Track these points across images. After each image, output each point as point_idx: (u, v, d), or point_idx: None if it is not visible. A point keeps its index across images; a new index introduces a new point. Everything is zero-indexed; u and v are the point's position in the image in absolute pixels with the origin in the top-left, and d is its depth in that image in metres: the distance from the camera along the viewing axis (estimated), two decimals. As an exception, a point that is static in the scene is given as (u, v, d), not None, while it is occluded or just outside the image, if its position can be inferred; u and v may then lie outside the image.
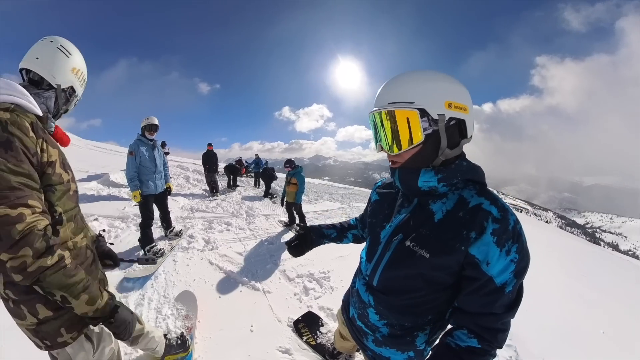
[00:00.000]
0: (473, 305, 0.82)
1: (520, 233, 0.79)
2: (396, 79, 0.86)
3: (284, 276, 3.35)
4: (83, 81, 1.22)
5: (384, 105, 0.84)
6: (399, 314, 0.96)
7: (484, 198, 0.82)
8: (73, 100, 1.21)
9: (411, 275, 0.89)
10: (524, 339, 2.72)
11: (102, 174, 7.74)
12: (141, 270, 3.07)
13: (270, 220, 5.91)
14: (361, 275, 1.11)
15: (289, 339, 2.26)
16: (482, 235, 0.77)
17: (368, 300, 1.03)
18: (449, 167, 0.85)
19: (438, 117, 0.79)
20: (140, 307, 2.44)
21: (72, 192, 1.10)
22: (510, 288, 0.78)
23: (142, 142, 3.61)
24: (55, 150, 1.02)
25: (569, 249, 8.46)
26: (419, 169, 0.86)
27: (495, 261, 0.77)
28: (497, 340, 0.81)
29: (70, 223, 1.08)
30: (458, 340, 0.83)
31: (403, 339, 0.98)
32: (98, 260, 1.27)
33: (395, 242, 0.93)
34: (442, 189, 0.86)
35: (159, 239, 4.06)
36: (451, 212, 0.84)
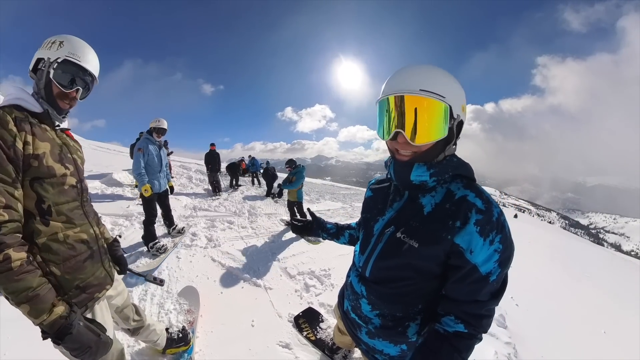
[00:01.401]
0: (459, 293, 0.86)
1: (503, 224, 0.82)
2: (420, 68, 0.84)
3: (285, 273, 3.38)
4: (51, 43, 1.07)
5: (414, 90, 0.80)
6: (390, 303, 1.00)
7: (469, 191, 0.86)
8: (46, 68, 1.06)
9: (401, 264, 0.93)
10: (523, 338, 2.73)
11: (106, 174, 7.82)
12: (145, 266, 3.12)
13: (272, 219, 5.95)
14: (354, 268, 1.15)
15: (289, 334, 2.29)
16: (466, 225, 0.81)
17: (360, 291, 1.07)
18: (440, 162, 0.89)
19: (456, 117, 0.84)
20: (144, 302, 2.48)
21: (67, 186, 1.09)
22: (495, 277, 0.82)
23: (151, 141, 3.69)
24: (45, 144, 1.02)
25: (571, 250, 8.43)
26: (413, 163, 0.88)
27: (478, 250, 0.80)
28: (482, 326, 0.85)
29: (61, 216, 1.07)
30: (446, 326, 0.86)
31: (395, 330, 1.00)
32: (100, 260, 1.25)
33: (387, 234, 0.97)
34: (432, 183, 0.90)
35: (162, 236, 4.12)
36: (439, 204, 0.88)
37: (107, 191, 6.44)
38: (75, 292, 1.10)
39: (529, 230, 11.90)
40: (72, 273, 1.09)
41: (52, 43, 1.07)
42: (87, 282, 1.15)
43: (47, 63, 1.06)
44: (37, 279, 0.93)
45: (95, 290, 1.19)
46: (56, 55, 1.06)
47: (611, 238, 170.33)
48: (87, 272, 1.15)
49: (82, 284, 1.13)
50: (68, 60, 1.07)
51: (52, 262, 1.03)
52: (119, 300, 1.45)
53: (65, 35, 1.11)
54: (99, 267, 1.24)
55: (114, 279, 1.35)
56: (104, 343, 1.05)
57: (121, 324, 1.54)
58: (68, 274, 1.08)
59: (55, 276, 1.04)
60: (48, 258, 1.02)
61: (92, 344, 1.01)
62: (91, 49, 1.16)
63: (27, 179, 0.97)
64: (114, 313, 1.45)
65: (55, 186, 1.04)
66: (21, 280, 0.89)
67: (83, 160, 1.31)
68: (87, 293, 1.14)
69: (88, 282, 1.16)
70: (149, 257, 3.40)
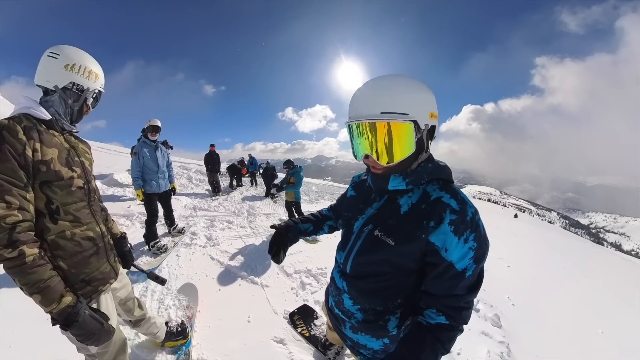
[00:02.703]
0: (438, 288, 0.90)
1: (478, 223, 0.87)
2: (380, 86, 0.86)
3: (282, 271, 3.46)
4: (88, 73, 1.21)
5: (375, 114, 0.83)
6: (370, 297, 1.04)
7: (444, 192, 0.91)
8: (86, 95, 1.24)
9: (378, 260, 0.99)
10: (517, 337, 2.78)
11: (107, 174, 7.88)
12: (146, 264, 3.21)
13: (271, 219, 6.02)
14: (336, 264, 1.20)
15: (284, 330, 2.36)
16: (440, 225, 0.85)
17: (342, 286, 1.12)
18: (415, 170, 0.93)
19: (424, 127, 0.86)
20: (144, 298, 2.57)
21: (75, 188, 1.19)
22: (471, 272, 0.86)
23: (145, 144, 3.79)
24: (52, 150, 1.11)
25: (571, 250, 8.45)
26: (389, 176, 0.94)
27: (453, 248, 0.85)
28: (462, 317, 0.89)
29: (68, 215, 1.16)
30: (428, 318, 0.91)
31: (376, 324, 1.05)
32: (106, 255, 1.34)
33: (365, 232, 1.02)
34: (409, 187, 0.95)
35: (163, 235, 4.20)
36: (415, 205, 0.93)
37: (108, 191, 6.51)
38: (81, 285, 1.20)
39: (529, 230, 11.92)
40: (78, 267, 1.19)
41: (89, 73, 1.22)
42: (92, 276, 1.24)
43: (87, 92, 1.23)
44: (48, 272, 1.03)
45: (99, 283, 1.28)
46: (94, 87, 1.26)
47: (611, 237, 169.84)
48: (92, 267, 1.25)
49: (87, 277, 1.22)
50: (101, 91, 1.30)
51: (60, 257, 1.14)
52: (123, 292, 1.55)
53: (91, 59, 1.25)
54: (104, 262, 1.33)
55: (118, 273, 1.44)
56: (107, 331, 1.14)
57: (124, 316, 1.64)
58: (74, 268, 1.18)
59: (62, 270, 1.14)
60: (56, 254, 1.13)
61: (95, 331, 1.10)
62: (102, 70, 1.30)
63: (37, 182, 1.07)
64: (118, 305, 1.54)
65: (63, 188, 1.14)
66: (34, 273, 1.00)
67: (91, 162, 1.39)
68: (92, 286, 1.24)
69: (93, 276, 1.25)
70: (150, 255, 3.49)
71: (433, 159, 0.98)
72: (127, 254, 1.57)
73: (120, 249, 1.54)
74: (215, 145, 9.14)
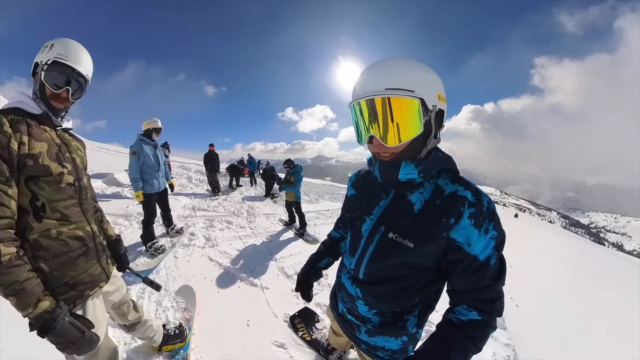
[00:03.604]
0: (465, 283, 0.86)
1: (494, 212, 0.84)
2: (385, 64, 0.81)
3: (282, 273, 3.40)
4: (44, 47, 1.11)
5: (379, 91, 0.77)
6: (388, 301, 0.99)
7: (458, 184, 0.86)
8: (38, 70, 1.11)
9: (395, 264, 0.93)
10: (522, 339, 2.74)
11: (106, 174, 7.84)
12: (143, 265, 3.15)
13: (271, 220, 5.97)
14: (345, 270, 1.12)
15: (284, 334, 2.31)
16: (460, 220, 0.82)
17: (355, 292, 1.05)
18: (427, 158, 0.87)
19: (432, 108, 0.80)
20: (141, 300, 2.51)
21: (65, 184, 1.13)
22: (494, 260, 0.83)
23: (145, 142, 3.66)
24: (41, 144, 1.06)
25: (572, 250, 8.40)
26: (400, 162, 0.86)
27: (475, 241, 0.81)
28: (495, 309, 0.85)
29: (55, 213, 1.09)
30: (459, 315, 0.87)
31: (395, 325, 1.00)
32: (97, 257, 1.27)
33: (378, 235, 0.95)
34: (419, 179, 0.88)
35: (161, 236, 4.14)
36: (429, 201, 0.88)
37: (107, 191, 6.46)
38: (63, 289, 1.12)
39: (529, 230, 11.87)
40: (62, 270, 1.11)
41: (45, 47, 1.12)
42: (78, 279, 1.16)
43: (40, 66, 1.10)
44: (25, 274, 0.96)
45: (86, 287, 1.20)
46: (46, 57, 1.09)
47: (612, 237, 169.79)
48: (78, 269, 1.17)
49: (71, 281, 1.14)
50: (57, 62, 1.10)
51: (42, 259, 1.06)
52: (117, 296, 1.47)
53: (60, 38, 1.14)
54: (94, 264, 1.25)
55: (110, 275, 1.36)
56: (88, 340, 1.06)
57: (118, 320, 1.56)
58: (57, 270, 1.10)
59: (43, 272, 1.06)
60: (38, 254, 1.06)
61: (75, 340, 1.02)
62: (83, 49, 1.17)
63: (23, 177, 1.01)
64: (110, 309, 1.47)
65: (51, 184, 1.08)
66: (9, 274, 0.93)
67: (83, 159, 1.33)
68: (76, 290, 1.16)
69: (79, 279, 1.17)
70: (147, 256, 3.42)
71: (441, 149, 0.93)
72: (123, 257, 1.51)
73: (116, 251, 1.48)
74: (214, 145, 9.09)
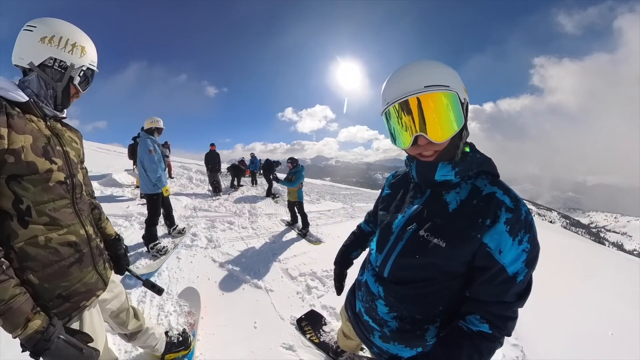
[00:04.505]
0: (486, 294, 0.83)
1: (531, 223, 0.80)
2: (416, 66, 0.82)
3: (287, 274, 3.34)
4: (71, 46, 1.03)
5: (419, 89, 0.77)
6: (410, 304, 0.95)
7: (497, 187, 0.84)
8: (71, 73, 1.05)
9: (424, 264, 0.89)
10: (530, 339, 2.69)
11: (106, 174, 7.79)
12: (145, 267, 3.08)
13: (273, 220, 5.91)
14: (370, 267, 1.09)
15: (293, 336, 2.25)
16: (496, 224, 0.78)
17: (377, 291, 1.02)
18: (464, 159, 0.87)
19: (464, 101, 0.81)
20: (142, 304, 2.44)
21: (53, 183, 0.99)
22: (522, 277, 0.79)
23: (153, 141, 3.63)
24: (25, 137, 0.92)
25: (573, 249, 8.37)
26: (437, 163, 0.86)
27: (507, 250, 0.78)
28: (507, 328, 0.82)
29: (43, 217, 0.96)
30: (470, 324, 0.84)
31: (413, 334, 0.96)
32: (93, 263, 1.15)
33: (409, 232, 0.93)
34: (456, 179, 0.87)
35: (162, 236, 4.08)
36: (465, 201, 0.85)
37: (107, 192, 6.41)
38: (56, 302, 1.00)
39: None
40: (53, 281, 0.99)
41: (72, 46, 1.04)
42: (71, 289, 1.05)
43: (72, 69, 1.05)
44: (11, 290, 0.85)
45: (81, 298, 1.09)
46: (80, 63, 1.06)
47: (613, 237, 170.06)
48: (72, 278, 1.05)
49: (65, 292, 1.03)
50: (90, 69, 1.11)
51: (30, 270, 0.94)
52: (115, 304, 1.37)
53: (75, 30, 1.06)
54: (90, 271, 1.13)
55: (107, 282, 1.25)
56: (88, 357, 0.97)
57: (117, 329, 1.47)
58: (48, 282, 0.98)
59: (32, 285, 0.94)
60: (25, 265, 0.93)
61: (73, 359, 0.93)
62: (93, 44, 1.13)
63: (3, 176, 0.88)
64: (109, 318, 1.37)
65: (37, 183, 0.95)
66: None
67: (79, 152, 1.20)
68: (71, 302, 1.04)
69: (74, 290, 1.05)
70: (149, 258, 3.36)
71: (479, 151, 0.90)
72: (122, 258, 1.41)
73: (114, 251, 1.38)
74: (215, 144, 9.04)
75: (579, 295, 4.37)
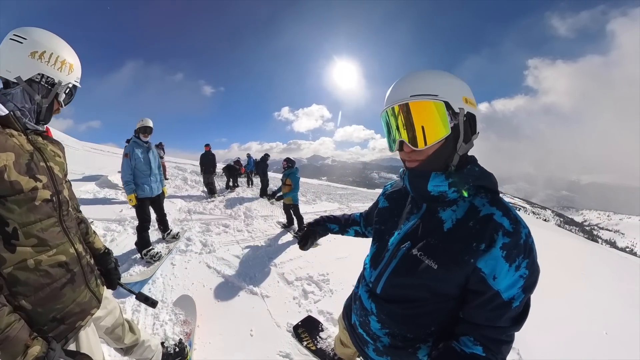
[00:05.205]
0: (479, 318, 0.81)
1: (531, 247, 0.77)
2: (411, 75, 0.85)
3: (283, 279, 3.32)
4: (61, 63, 1.01)
5: (405, 97, 0.81)
6: (401, 323, 0.93)
7: (495, 208, 0.80)
8: (57, 90, 1.03)
9: (416, 284, 0.87)
10: (524, 340, 2.69)
11: (99, 176, 7.69)
12: (138, 274, 3.03)
13: (269, 222, 5.88)
14: (364, 282, 1.08)
15: (289, 344, 2.23)
16: (491, 249, 0.75)
17: (370, 307, 1.01)
18: (461, 171, 0.83)
19: (459, 110, 0.80)
20: (137, 314, 2.39)
21: (39, 202, 0.94)
22: (518, 303, 0.77)
23: (137, 145, 3.56)
24: (7, 155, 0.87)
25: (567, 247, 8.43)
26: (429, 173, 0.84)
27: (503, 276, 0.75)
28: (501, 352, 0.80)
29: (31, 238, 0.91)
30: (463, 345, 0.82)
31: (405, 350, 0.95)
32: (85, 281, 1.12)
33: (402, 250, 0.91)
34: (452, 195, 0.84)
35: (156, 241, 4.02)
36: (461, 220, 0.82)
37: (100, 194, 6.32)
38: (52, 325, 0.97)
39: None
40: (47, 304, 0.96)
41: (62, 63, 1.02)
42: (66, 311, 1.02)
43: (59, 86, 1.03)
44: (5, 319, 0.82)
45: (76, 318, 1.06)
46: (67, 80, 1.05)
47: (605, 235, 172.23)
48: (65, 299, 1.02)
49: (59, 314, 1.00)
50: (75, 85, 1.11)
51: (22, 295, 0.90)
52: (109, 320, 1.34)
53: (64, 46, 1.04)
54: (82, 290, 1.10)
55: (101, 299, 1.22)
56: None
57: (113, 345, 1.45)
58: (41, 306, 0.94)
59: (26, 311, 0.91)
60: (16, 290, 0.89)
61: None
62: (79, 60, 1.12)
63: None
64: (104, 334, 1.36)
65: (22, 204, 0.90)
66: None
67: (63, 165, 1.16)
68: (66, 324, 1.02)
69: (68, 311, 1.02)
70: (142, 264, 3.30)
71: (479, 165, 0.87)
72: (113, 272, 1.37)
73: (104, 266, 1.34)
74: (210, 145, 8.95)
75: (572, 293, 4.39)
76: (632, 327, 3.59)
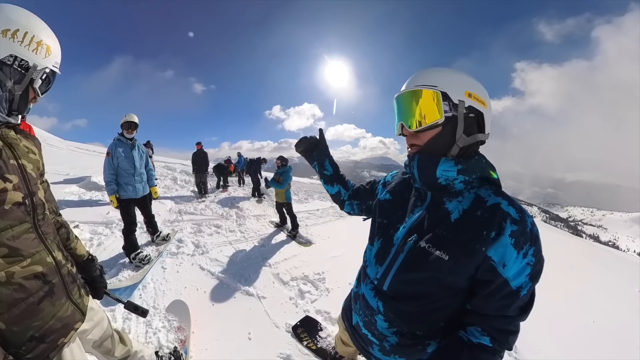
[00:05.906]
0: (488, 308, 0.82)
1: (537, 236, 0.79)
2: (422, 70, 0.91)
3: (278, 280, 3.26)
4: (37, 44, 0.88)
5: (410, 87, 0.88)
6: (411, 321, 0.92)
7: (501, 198, 0.82)
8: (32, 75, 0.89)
9: (426, 278, 0.86)
10: (522, 337, 2.71)
11: (84, 177, 7.45)
12: (127, 279, 2.90)
13: (261, 222, 5.80)
14: (368, 280, 1.04)
15: (289, 345, 2.19)
16: (501, 237, 0.76)
17: (377, 306, 0.97)
18: (470, 159, 0.84)
19: (458, 102, 0.82)
20: (128, 322, 2.26)
21: (9, 206, 0.83)
22: (525, 291, 0.79)
23: (120, 142, 3.36)
24: None
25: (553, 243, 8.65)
26: (439, 157, 0.84)
27: (511, 263, 0.76)
28: (508, 342, 0.82)
29: (1, 248, 0.80)
30: (471, 335, 0.83)
31: (414, 348, 0.94)
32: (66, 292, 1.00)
33: (409, 244, 0.89)
34: (459, 185, 0.85)
35: (146, 244, 3.88)
36: (468, 211, 0.83)
37: (86, 196, 6.11)
38: (30, 345, 0.86)
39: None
40: (22, 322, 0.85)
41: (37, 44, 0.88)
42: (45, 328, 0.91)
43: (34, 71, 0.89)
44: None
45: (58, 335, 0.95)
46: (44, 64, 0.91)
47: (589, 230, 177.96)
48: (44, 315, 0.91)
49: (38, 332, 0.88)
50: (53, 71, 0.96)
51: None
52: (97, 332, 1.23)
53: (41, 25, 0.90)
54: (64, 303, 0.99)
55: (86, 312, 1.10)
56: None
57: (102, 359, 1.34)
58: (16, 324, 0.83)
59: None
60: None
61: None
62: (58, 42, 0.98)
63: None
64: (92, 349, 1.25)
65: None
66: None
67: (38, 163, 1.03)
68: (46, 342, 0.90)
69: (47, 328, 0.91)
70: (131, 269, 3.15)
71: (486, 158, 0.89)
72: (98, 280, 1.24)
73: (89, 273, 1.21)
74: (202, 143, 8.79)
75: (560, 286, 4.50)
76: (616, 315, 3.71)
